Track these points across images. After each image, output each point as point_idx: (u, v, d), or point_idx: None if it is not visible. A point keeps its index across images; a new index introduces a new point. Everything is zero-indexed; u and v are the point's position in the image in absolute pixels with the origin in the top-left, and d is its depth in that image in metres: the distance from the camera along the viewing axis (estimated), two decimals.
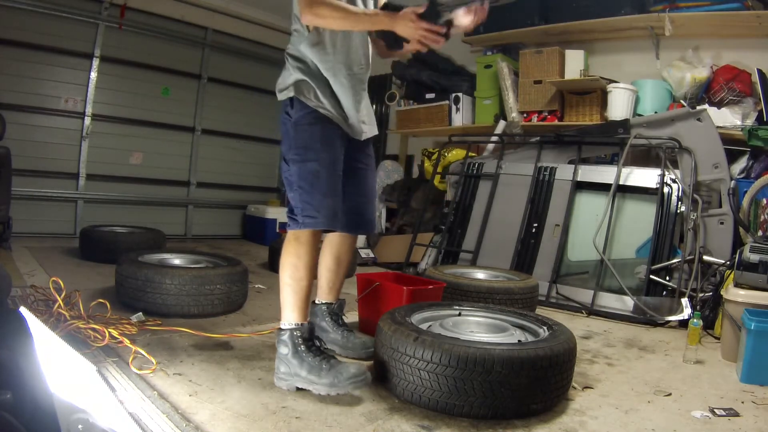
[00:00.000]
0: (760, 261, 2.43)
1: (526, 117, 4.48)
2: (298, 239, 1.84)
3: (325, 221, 1.84)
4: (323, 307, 2.21)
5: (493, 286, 2.90)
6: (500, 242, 3.89)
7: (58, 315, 2.12)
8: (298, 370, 1.72)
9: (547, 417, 1.65)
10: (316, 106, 1.88)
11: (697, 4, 3.78)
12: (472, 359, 1.56)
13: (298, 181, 1.86)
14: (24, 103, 4.68)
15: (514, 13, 4.63)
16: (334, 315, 2.20)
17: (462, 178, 4.33)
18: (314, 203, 1.83)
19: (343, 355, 2.11)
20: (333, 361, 1.74)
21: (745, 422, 1.72)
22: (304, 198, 1.84)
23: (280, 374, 1.76)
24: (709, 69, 3.75)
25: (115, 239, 3.93)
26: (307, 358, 1.73)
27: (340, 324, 2.20)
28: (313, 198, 1.83)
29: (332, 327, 2.17)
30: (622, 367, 2.25)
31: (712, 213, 3.30)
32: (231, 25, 5.88)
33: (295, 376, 1.73)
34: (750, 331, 2.08)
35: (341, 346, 2.13)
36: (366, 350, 2.08)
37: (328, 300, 2.22)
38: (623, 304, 3.26)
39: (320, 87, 1.90)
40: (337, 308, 2.22)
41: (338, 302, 2.24)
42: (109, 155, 5.25)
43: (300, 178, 1.86)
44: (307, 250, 1.84)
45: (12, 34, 4.56)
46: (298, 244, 1.84)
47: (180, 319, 2.43)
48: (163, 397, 1.59)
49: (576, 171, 3.77)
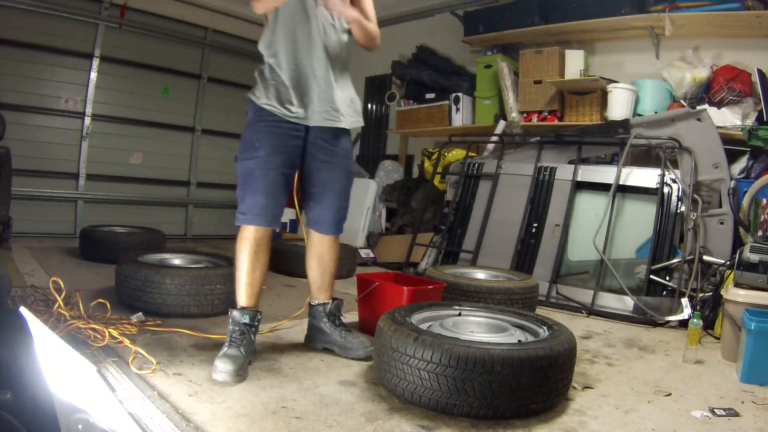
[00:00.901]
0: (760, 261, 2.43)
1: (526, 117, 4.48)
2: (239, 233, 2.00)
3: (253, 219, 1.96)
4: (319, 308, 2.20)
5: (493, 286, 2.90)
6: (500, 242, 3.89)
7: (58, 315, 2.12)
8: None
9: (547, 417, 1.65)
10: (263, 103, 1.98)
11: (697, 4, 3.78)
12: (472, 359, 1.56)
13: (238, 178, 1.99)
14: (24, 103, 4.69)
15: (514, 13, 4.63)
16: (331, 316, 2.19)
17: (462, 178, 4.33)
18: (246, 201, 1.97)
19: (342, 355, 2.11)
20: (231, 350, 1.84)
21: (745, 422, 1.72)
22: (240, 194, 1.99)
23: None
24: (709, 69, 3.75)
25: (115, 239, 3.93)
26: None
27: (338, 324, 2.19)
28: (245, 195, 1.98)
29: (330, 328, 2.16)
30: (622, 367, 2.25)
31: (712, 213, 3.30)
32: (231, 25, 5.88)
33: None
34: (750, 331, 2.08)
35: (340, 346, 2.13)
36: (365, 349, 2.08)
37: (321, 300, 2.21)
38: (623, 304, 3.26)
39: (265, 83, 1.99)
40: (334, 308, 2.21)
41: (335, 302, 2.22)
42: (109, 155, 5.26)
43: (239, 175, 2.00)
44: (243, 244, 1.97)
45: (12, 34, 4.57)
46: (239, 238, 2.00)
47: (180, 319, 2.43)
48: (163, 397, 1.59)
49: (576, 171, 3.77)
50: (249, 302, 1.99)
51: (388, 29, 5.78)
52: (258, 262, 1.98)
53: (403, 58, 5.52)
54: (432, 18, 5.38)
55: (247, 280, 1.97)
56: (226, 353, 1.81)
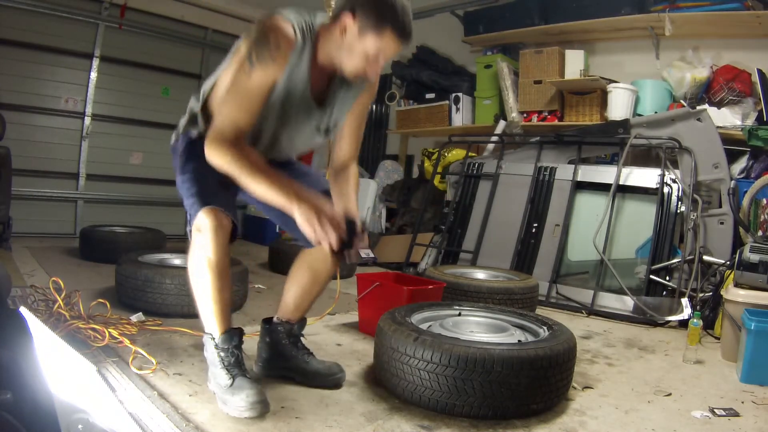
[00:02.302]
0: (760, 261, 2.43)
1: (526, 117, 4.48)
2: (192, 240, 1.60)
3: (208, 201, 1.57)
4: (282, 327, 1.85)
5: (493, 286, 2.90)
6: (500, 242, 3.89)
7: (58, 315, 2.12)
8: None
9: (547, 417, 1.65)
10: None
11: (697, 4, 3.78)
12: (472, 359, 1.56)
13: (182, 193, 1.68)
14: (24, 103, 4.68)
15: (514, 13, 4.63)
16: (293, 337, 1.86)
17: (462, 178, 4.33)
18: (195, 197, 1.61)
19: (305, 384, 1.79)
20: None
21: (745, 422, 1.72)
22: (188, 203, 1.63)
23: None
24: (709, 69, 3.75)
25: (115, 239, 3.93)
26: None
27: (300, 347, 1.86)
28: (192, 193, 1.62)
29: (292, 351, 1.84)
30: (622, 367, 2.25)
31: (712, 213, 3.30)
32: (231, 25, 5.87)
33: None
34: (750, 331, 2.08)
35: (303, 374, 1.81)
36: (334, 377, 1.79)
37: (290, 319, 1.86)
38: (623, 304, 3.26)
39: None
40: (298, 329, 1.88)
41: (301, 322, 1.89)
42: (109, 155, 5.25)
43: (182, 188, 1.68)
44: (199, 253, 1.55)
45: (12, 34, 4.56)
46: (192, 247, 1.59)
47: (180, 319, 2.43)
48: (163, 397, 1.59)
49: (576, 171, 3.77)
50: (227, 323, 1.59)
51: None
52: (223, 278, 1.55)
53: (403, 58, 5.52)
54: (432, 18, 5.37)
55: (217, 307, 1.56)
56: (238, 385, 1.52)
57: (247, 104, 1.51)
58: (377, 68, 1.59)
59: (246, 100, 1.51)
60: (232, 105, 1.51)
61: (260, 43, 1.51)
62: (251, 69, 1.49)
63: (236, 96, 1.52)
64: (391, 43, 1.52)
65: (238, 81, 1.52)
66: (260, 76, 1.50)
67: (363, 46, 1.52)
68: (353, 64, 1.56)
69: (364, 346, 2.31)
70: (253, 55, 1.50)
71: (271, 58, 1.49)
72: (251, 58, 1.50)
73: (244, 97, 1.51)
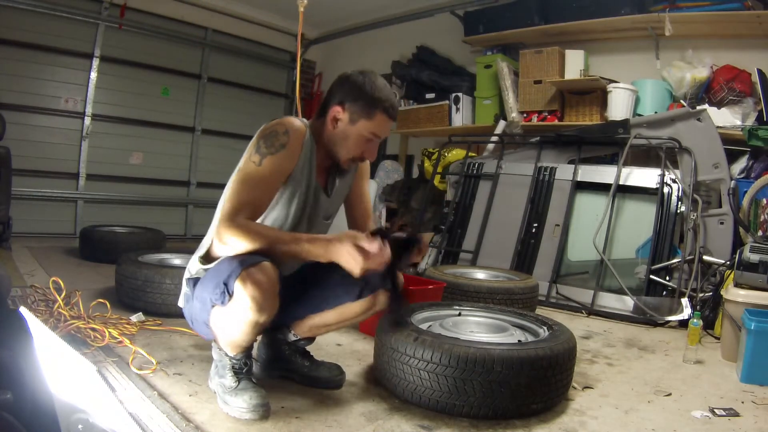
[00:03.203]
0: (760, 261, 2.43)
1: (526, 117, 4.48)
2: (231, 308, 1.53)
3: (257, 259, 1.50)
4: (285, 338, 1.85)
5: (493, 286, 2.90)
6: (500, 242, 3.89)
7: (58, 315, 2.12)
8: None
9: (547, 417, 1.65)
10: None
11: (697, 4, 3.77)
12: (472, 359, 1.56)
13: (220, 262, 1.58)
14: (24, 103, 4.69)
15: (514, 13, 4.62)
16: (293, 345, 1.86)
17: (462, 178, 4.33)
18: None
19: (306, 385, 1.80)
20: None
21: (745, 422, 1.72)
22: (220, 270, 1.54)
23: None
24: (709, 69, 3.75)
25: (115, 239, 3.94)
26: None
27: (301, 352, 1.87)
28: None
29: (292, 355, 1.84)
30: (622, 367, 2.25)
31: (712, 213, 3.30)
32: (231, 25, 5.88)
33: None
34: (750, 331, 2.08)
35: (303, 375, 1.82)
36: (335, 379, 1.81)
37: (299, 336, 1.85)
38: (623, 304, 3.26)
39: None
40: (303, 344, 1.88)
41: (307, 340, 1.88)
42: (109, 155, 5.26)
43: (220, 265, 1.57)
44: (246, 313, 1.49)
45: (12, 34, 4.56)
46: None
47: (180, 319, 2.40)
48: (163, 397, 1.59)
49: (576, 171, 3.77)
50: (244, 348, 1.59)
51: (388, 29, 5.80)
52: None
53: (403, 58, 5.52)
54: (432, 18, 5.37)
55: (244, 340, 1.54)
56: (241, 387, 1.53)
57: (260, 192, 1.51)
58: (373, 148, 1.66)
59: (258, 187, 1.50)
60: (244, 192, 1.49)
61: (271, 134, 1.54)
62: (262, 157, 1.51)
63: (248, 184, 1.50)
64: (383, 123, 1.61)
65: (247, 170, 1.51)
66: (273, 163, 1.51)
67: (357, 130, 1.60)
68: (348, 149, 1.63)
69: (364, 346, 2.31)
70: (263, 146, 1.52)
71: (281, 145, 1.52)
72: (260, 149, 1.52)
73: (257, 184, 1.50)
